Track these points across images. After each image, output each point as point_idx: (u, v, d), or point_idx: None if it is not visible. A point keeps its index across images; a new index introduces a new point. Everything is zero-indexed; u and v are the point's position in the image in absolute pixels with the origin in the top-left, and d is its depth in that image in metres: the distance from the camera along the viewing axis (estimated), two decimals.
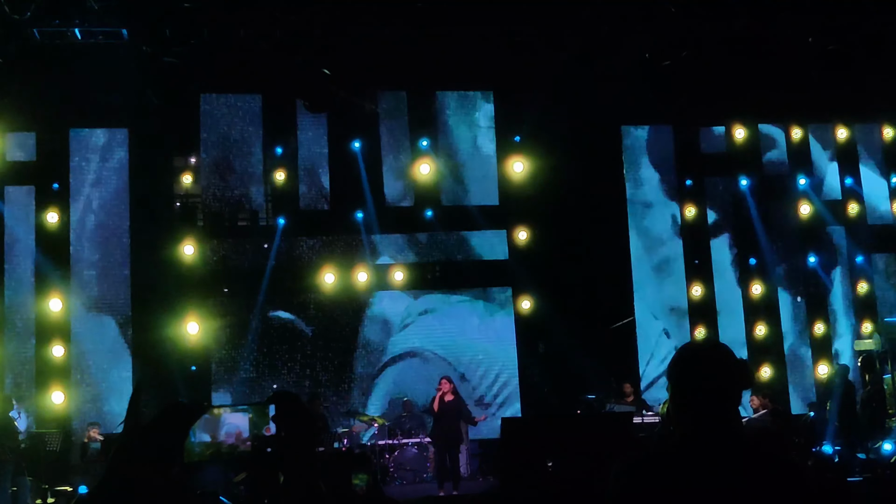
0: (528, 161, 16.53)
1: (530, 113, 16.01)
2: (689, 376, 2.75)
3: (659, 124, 17.30)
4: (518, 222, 16.68)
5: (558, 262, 16.22)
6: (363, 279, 16.23)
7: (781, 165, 17.75)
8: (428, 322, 16.72)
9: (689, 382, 2.75)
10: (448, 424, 13.58)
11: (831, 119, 17.67)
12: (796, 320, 17.49)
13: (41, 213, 15.27)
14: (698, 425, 2.71)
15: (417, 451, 14.86)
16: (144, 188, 15.61)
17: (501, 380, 16.63)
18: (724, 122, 17.36)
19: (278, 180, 16.25)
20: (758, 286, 17.18)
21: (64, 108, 15.03)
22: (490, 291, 16.97)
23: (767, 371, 16.81)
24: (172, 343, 15.14)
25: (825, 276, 17.60)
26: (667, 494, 2.60)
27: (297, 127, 16.40)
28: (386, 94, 16.67)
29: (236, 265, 16.29)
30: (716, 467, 2.63)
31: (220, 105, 16.27)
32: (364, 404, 15.97)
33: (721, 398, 2.72)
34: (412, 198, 16.75)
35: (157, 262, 15.34)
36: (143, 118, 15.04)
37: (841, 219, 17.76)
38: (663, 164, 17.44)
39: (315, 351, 16.29)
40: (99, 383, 15.32)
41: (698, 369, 2.75)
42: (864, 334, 16.95)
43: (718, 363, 2.76)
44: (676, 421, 2.77)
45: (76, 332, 15.29)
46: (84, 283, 15.49)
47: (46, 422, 14.40)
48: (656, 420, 13.81)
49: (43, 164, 15.46)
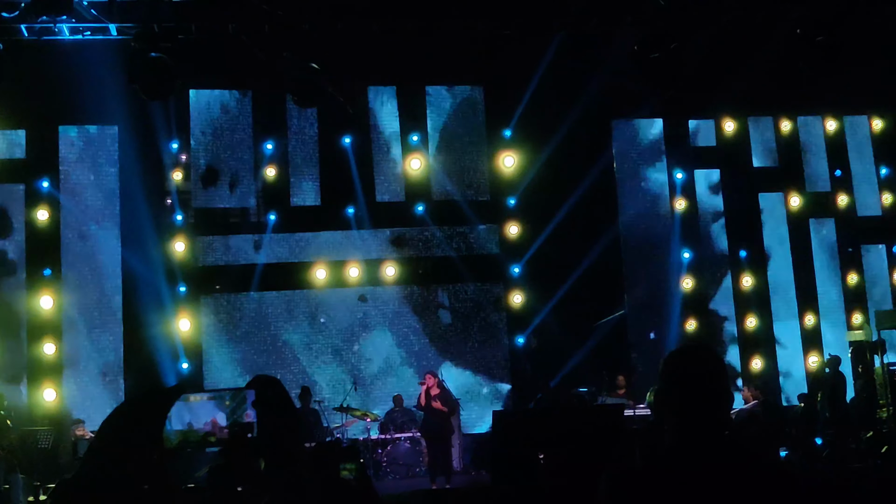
0: (519, 155, 16.54)
1: (520, 107, 16.03)
2: (680, 378, 2.76)
3: (649, 118, 17.31)
4: (509, 217, 16.70)
5: (549, 256, 16.24)
6: (354, 274, 16.23)
7: (771, 157, 17.78)
8: (418, 318, 16.75)
9: (680, 383, 2.75)
10: (436, 418, 13.61)
11: (820, 111, 17.71)
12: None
13: (31, 211, 15.24)
14: (688, 429, 2.71)
15: (410, 446, 14.87)
16: (134, 185, 15.57)
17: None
18: (713, 116, 17.39)
19: (269, 176, 16.25)
20: (748, 278, 17.23)
21: (53, 105, 14.99)
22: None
23: (758, 363, 16.86)
24: (164, 340, 15.12)
25: (815, 267, 17.67)
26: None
27: (287, 123, 16.39)
28: (375, 89, 16.65)
29: (227, 262, 16.27)
30: (707, 479, 2.62)
31: (209, 101, 16.24)
32: (357, 399, 15.96)
33: (711, 401, 2.73)
34: (403, 193, 16.73)
35: (148, 258, 15.32)
36: (133, 115, 15.02)
37: (830, 211, 17.82)
38: (655, 157, 17.46)
39: (307, 347, 16.28)
40: (91, 381, 15.28)
41: (689, 371, 2.76)
42: (854, 325, 17.01)
43: (709, 364, 2.78)
44: (668, 422, 2.77)
45: (67, 329, 15.26)
46: (75, 280, 15.45)
47: (38, 419, 14.38)
48: (648, 412, 13.84)
49: (33, 161, 15.44)
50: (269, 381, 2.61)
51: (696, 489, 2.60)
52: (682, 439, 2.71)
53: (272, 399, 2.57)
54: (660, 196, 17.42)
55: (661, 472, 2.68)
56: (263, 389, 2.57)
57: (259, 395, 2.55)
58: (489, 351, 16.75)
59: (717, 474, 2.63)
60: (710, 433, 2.70)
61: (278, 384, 2.63)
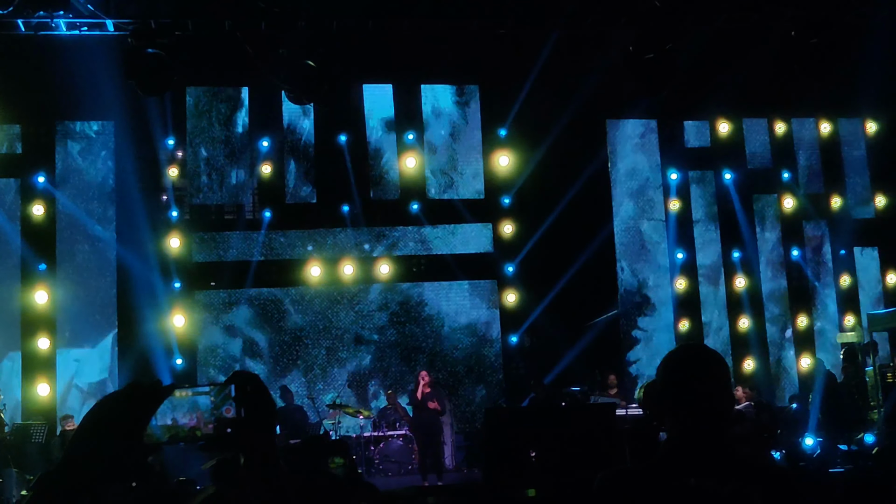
0: (513, 154, 16.59)
1: (515, 106, 16.06)
2: (680, 378, 2.73)
3: (643, 118, 17.36)
4: (503, 216, 16.74)
5: (543, 256, 16.28)
6: (349, 272, 16.27)
7: (764, 159, 17.84)
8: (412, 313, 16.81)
9: (679, 384, 2.72)
10: (427, 416, 13.70)
11: (814, 113, 17.77)
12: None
13: (27, 206, 15.27)
14: (688, 431, 2.67)
15: (402, 443, 14.92)
16: (130, 181, 15.60)
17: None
18: (708, 117, 17.44)
19: (264, 173, 16.28)
20: (741, 279, 17.29)
21: (49, 100, 15.01)
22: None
23: (750, 364, 16.92)
24: (158, 336, 15.15)
25: (808, 269, 17.73)
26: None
27: (283, 120, 16.42)
28: (371, 87, 16.67)
29: (222, 258, 16.30)
30: (701, 480, 2.59)
31: (205, 97, 16.27)
32: (349, 396, 16.02)
33: (712, 401, 2.68)
34: (398, 191, 16.78)
35: (143, 254, 15.35)
36: (129, 111, 15.03)
37: (824, 213, 17.88)
38: (648, 158, 17.51)
39: (301, 343, 16.32)
40: (84, 376, 15.31)
41: (689, 372, 2.72)
42: (846, 327, 17.07)
43: (709, 364, 2.74)
44: (666, 423, 2.76)
45: (61, 324, 15.28)
46: (69, 275, 15.48)
47: (32, 414, 14.42)
48: (639, 412, 13.88)
49: (28, 156, 15.46)
50: (247, 377, 2.65)
51: (694, 490, 2.57)
52: (682, 440, 2.68)
53: (251, 394, 2.60)
54: (654, 197, 17.46)
55: (659, 473, 2.64)
56: (243, 384, 2.61)
57: (238, 390, 2.58)
58: (482, 350, 16.79)
59: (715, 475, 2.59)
60: (710, 434, 2.66)
61: (256, 379, 2.66)
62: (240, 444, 2.61)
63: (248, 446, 2.61)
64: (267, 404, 2.67)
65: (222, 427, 2.58)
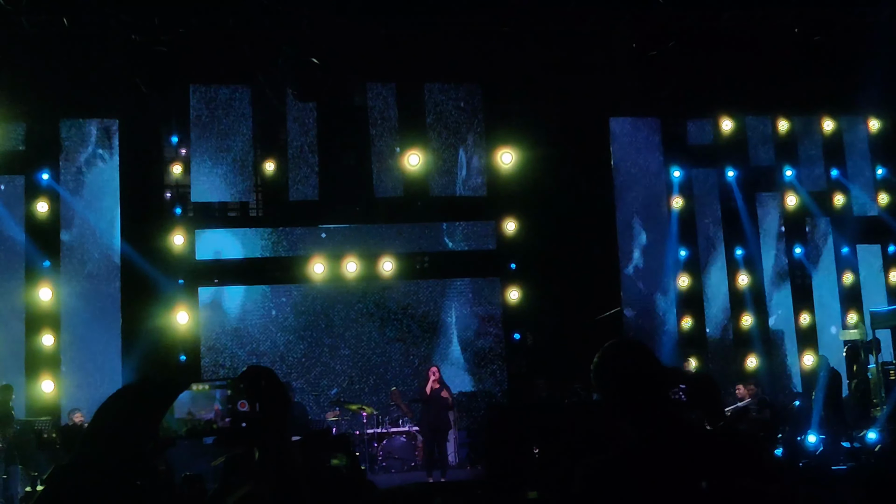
0: (516, 152, 16.59)
1: (518, 104, 16.07)
2: (619, 374, 2.88)
3: (646, 116, 17.36)
4: (506, 213, 16.75)
5: (546, 253, 16.29)
6: (352, 269, 16.27)
7: (767, 157, 17.84)
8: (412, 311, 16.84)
9: (619, 379, 2.87)
10: (435, 412, 13.73)
11: (817, 111, 17.77)
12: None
13: (31, 203, 15.29)
14: (643, 418, 2.82)
15: (406, 440, 14.96)
16: (134, 178, 15.62)
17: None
18: (710, 115, 17.44)
19: (268, 171, 16.28)
20: (744, 276, 17.30)
21: (53, 98, 15.01)
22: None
23: (753, 361, 16.93)
24: (162, 333, 15.18)
25: (810, 266, 17.75)
26: (630, 494, 2.71)
27: (287, 117, 16.42)
28: (374, 85, 16.68)
29: (226, 255, 16.33)
30: (675, 462, 2.74)
31: (209, 95, 16.28)
32: (353, 393, 16.05)
33: (652, 385, 2.85)
34: (401, 188, 16.78)
35: (147, 251, 15.38)
36: (133, 108, 15.05)
37: (827, 210, 17.89)
38: (652, 155, 17.52)
39: (304, 340, 16.35)
40: (89, 372, 15.34)
41: (625, 364, 2.89)
42: (849, 324, 17.08)
43: (637, 352, 2.91)
44: (623, 417, 2.87)
45: (66, 320, 15.31)
46: (73, 272, 15.51)
47: (36, 410, 14.45)
48: None
49: (33, 154, 15.48)
50: (262, 372, 2.68)
51: (668, 470, 2.71)
52: (642, 429, 2.82)
53: (265, 389, 2.63)
54: (657, 194, 17.47)
55: (632, 460, 2.78)
56: (257, 380, 2.63)
57: (253, 385, 2.61)
58: (485, 346, 16.83)
59: (683, 453, 2.75)
60: (663, 416, 2.82)
61: (271, 374, 2.69)
62: (255, 438, 2.64)
63: (263, 440, 2.64)
64: (281, 399, 2.70)
65: (238, 421, 2.61)
